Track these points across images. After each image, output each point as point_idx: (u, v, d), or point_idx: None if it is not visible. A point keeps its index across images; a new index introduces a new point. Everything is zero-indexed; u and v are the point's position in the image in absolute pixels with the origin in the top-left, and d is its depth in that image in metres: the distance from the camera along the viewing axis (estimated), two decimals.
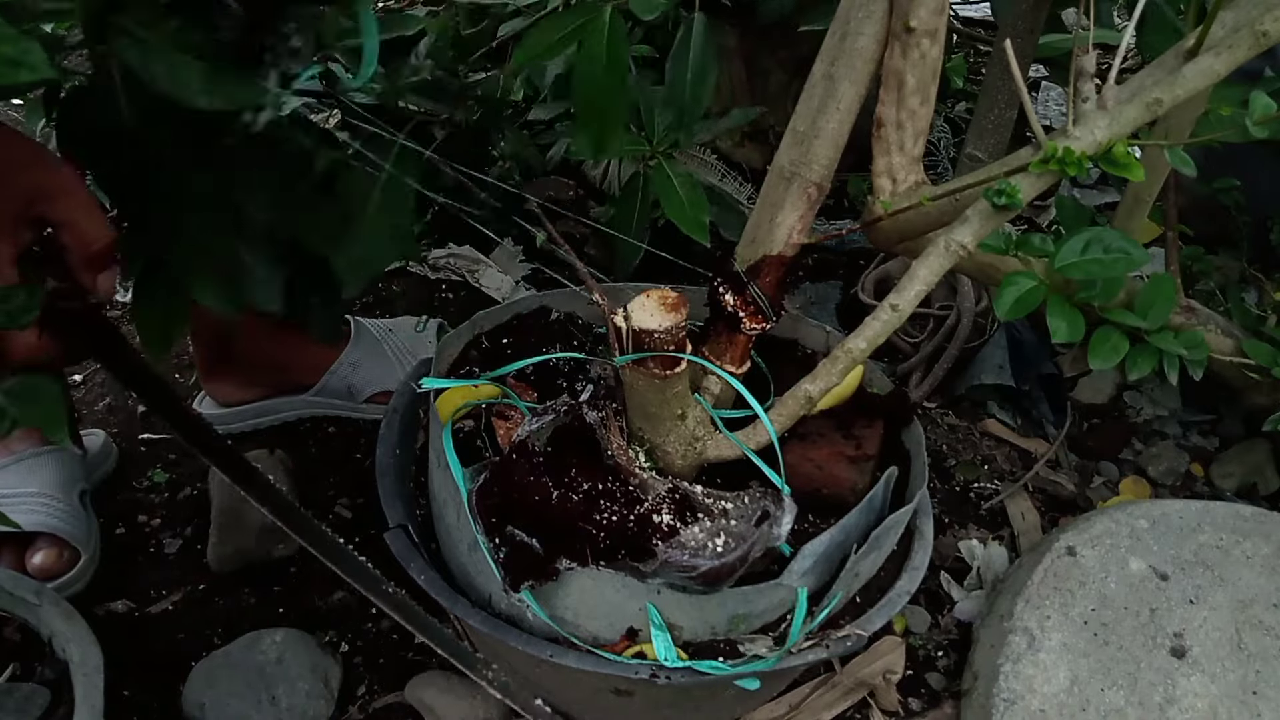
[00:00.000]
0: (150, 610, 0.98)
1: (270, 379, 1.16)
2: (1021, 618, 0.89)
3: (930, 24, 0.68)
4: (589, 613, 0.70)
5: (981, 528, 1.13)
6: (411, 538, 0.77)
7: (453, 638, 0.75)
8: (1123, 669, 0.86)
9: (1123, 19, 1.43)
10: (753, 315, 0.76)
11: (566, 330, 0.89)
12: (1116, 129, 0.59)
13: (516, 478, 0.68)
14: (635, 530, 0.66)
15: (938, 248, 0.63)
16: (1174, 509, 0.97)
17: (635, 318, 0.64)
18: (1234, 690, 0.84)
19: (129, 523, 1.07)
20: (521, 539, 0.67)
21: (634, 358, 0.66)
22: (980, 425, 1.26)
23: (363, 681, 0.93)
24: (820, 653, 0.70)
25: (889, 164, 0.73)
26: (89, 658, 0.74)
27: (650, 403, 0.70)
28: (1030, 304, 0.69)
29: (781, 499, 0.68)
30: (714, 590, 0.67)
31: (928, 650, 0.99)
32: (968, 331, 1.27)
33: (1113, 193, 1.72)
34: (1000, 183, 0.59)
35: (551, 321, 0.90)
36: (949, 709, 0.93)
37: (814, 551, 0.70)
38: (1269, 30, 0.58)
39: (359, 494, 1.11)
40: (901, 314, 0.65)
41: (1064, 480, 1.19)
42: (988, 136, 1.19)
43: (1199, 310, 0.93)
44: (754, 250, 0.76)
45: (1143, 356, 0.83)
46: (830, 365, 0.69)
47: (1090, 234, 0.67)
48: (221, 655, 0.89)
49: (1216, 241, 1.22)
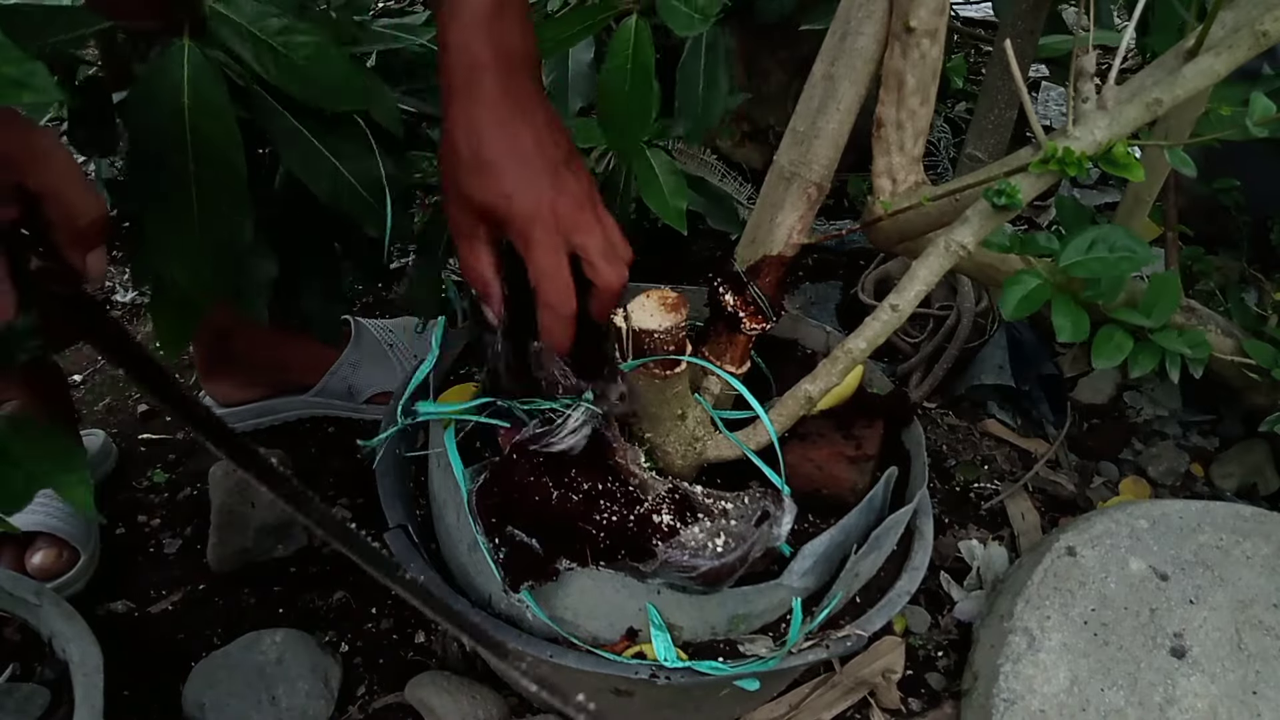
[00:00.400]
0: (150, 610, 0.98)
1: (270, 379, 1.16)
2: (1021, 618, 0.89)
3: (930, 24, 0.68)
4: (589, 613, 0.70)
5: (981, 528, 1.13)
6: (411, 538, 0.77)
7: (481, 623, 0.71)
8: (1123, 669, 0.86)
9: (1123, 19, 1.43)
10: (753, 315, 0.76)
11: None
12: (1116, 129, 0.59)
13: (516, 478, 0.68)
14: (635, 530, 0.66)
15: (938, 248, 0.63)
16: (1174, 509, 0.97)
17: (635, 318, 0.64)
18: (1234, 690, 0.84)
19: (129, 523, 1.07)
20: (521, 539, 0.67)
21: (636, 364, 0.66)
22: (980, 425, 1.26)
23: (363, 681, 0.93)
24: (820, 653, 0.70)
25: (889, 164, 0.74)
26: (89, 658, 0.74)
27: (650, 403, 0.70)
28: (1035, 303, 0.69)
29: (781, 499, 0.68)
30: (714, 590, 0.67)
31: (928, 650, 0.99)
32: (968, 331, 1.27)
33: (1113, 193, 1.72)
34: (1000, 183, 0.59)
35: None
36: (949, 709, 0.93)
37: (814, 551, 0.70)
38: (1269, 30, 0.58)
39: (359, 494, 1.11)
40: (901, 314, 0.65)
41: (1064, 480, 1.19)
42: (988, 136, 1.19)
43: (1199, 310, 0.93)
44: (754, 250, 0.76)
45: (1145, 355, 0.83)
46: (830, 365, 0.69)
47: (1095, 232, 0.67)
48: (221, 655, 0.89)
49: (1216, 241, 1.22)
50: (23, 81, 0.33)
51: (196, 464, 1.14)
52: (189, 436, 1.19)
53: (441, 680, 0.89)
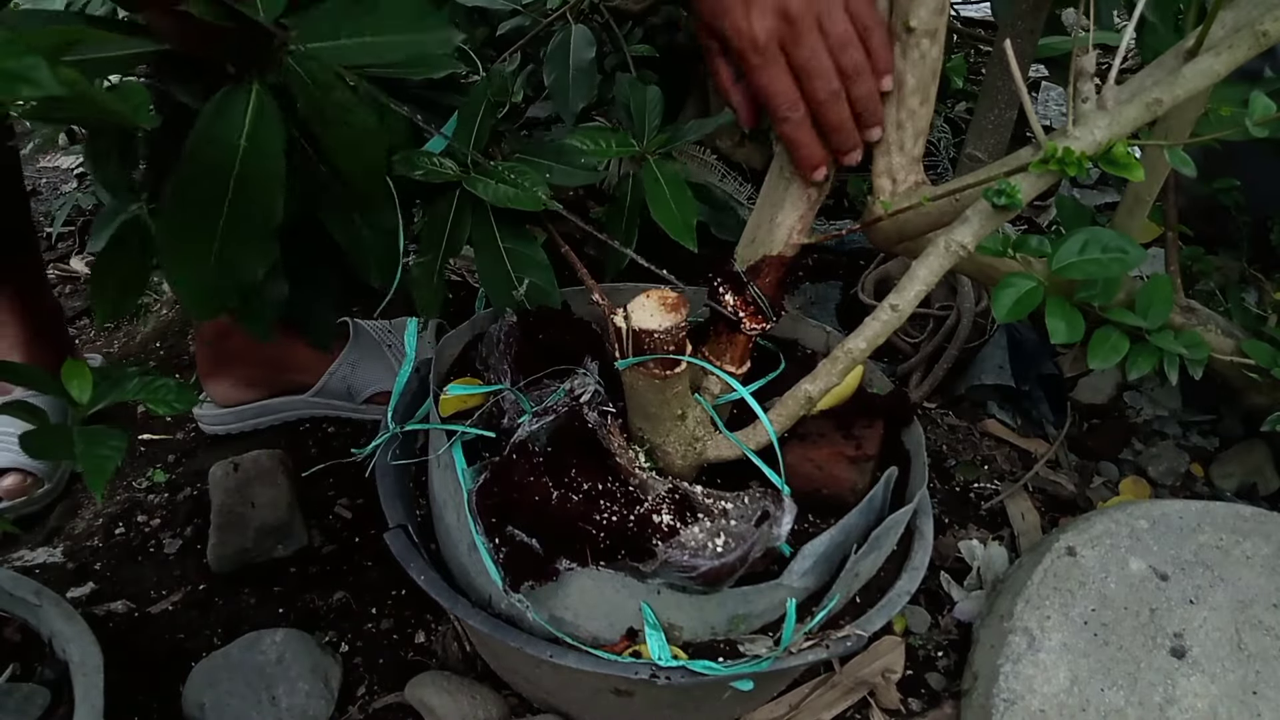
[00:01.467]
0: (150, 610, 0.98)
1: (269, 379, 1.16)
2: (1021, 618, 0.89)
3: (930, 24, 0.68)
4: (589, 613, 0.70)
5: (981, 528, 1.13)
6: (411, 538, 0.77)
7: None
8: (1123, 669, 0.86)
9: (1123, 19, 1.43)
10: (753, 315, 0.76)
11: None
12: (1116, 129, 0.59)
13: (516, 478, 0.68)
14: (635, 530, 0.66)
15: (938, 248, 0.63)
16: (1174, 509, 0.97)
17: (635, 318, 0.64)
18: (1234, 690, 0.84)
19: (129, 523, 1.07)
20: (521, 539, 0.67)
21: (634, 361, 0.66)
22: (980, 425, 1.26)
23: (363, 681, 0.93)
24: (820, 653, 0.70)
25: (889, 164, 0.74)
26: (89, 658, 0.74)
27: (650, 403, 0.70)
28: (1029, 305, 0.69)
29: (781, 499, 0.68)
30: (714, 590, 0.67)
31: (928, 650, 0.99)
32: (968, 331, 1.27)
33: (1113, 193, 1.72)
34: (1000, 183, 0.59)
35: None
36: (949, 709, 0.93)
37: (814, 551, 0.70)
38: (1269, 30, 0.58)
39: (359, 494, 1.11)
40: (901, 314, 0.65)
41: (1064, 480, 1.19)
42: (988, 136, 1.19)
43: (1199, 310, 0.93)
44: (754, 250, 0.76)
45: (1143, 356, 0.83)
46: (830, 365, 0.69)
47: (1087, 234, 0.67)
48: (221, 655, 0.89)
49: (1216, 241, 1.22)
50: (23, 76, 0.32)
51: (196, 464, 1.14)
52: (189, 436, 1.19)
53: (441, 680, 0.89)
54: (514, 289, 0.84)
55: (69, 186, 1.80)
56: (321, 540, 1.06)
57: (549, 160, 0.87)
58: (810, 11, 0.66)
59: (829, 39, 0.67)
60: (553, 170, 0.86)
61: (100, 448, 0.58)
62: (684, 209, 0.90)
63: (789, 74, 0.68)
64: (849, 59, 0.68)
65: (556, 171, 0.86)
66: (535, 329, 0.81)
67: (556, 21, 1.27)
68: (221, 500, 1.00)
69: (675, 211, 0.90)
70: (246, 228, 0.68)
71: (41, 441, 0.59)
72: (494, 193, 0.81)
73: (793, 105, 0.69)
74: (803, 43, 0.67)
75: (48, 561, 1.03)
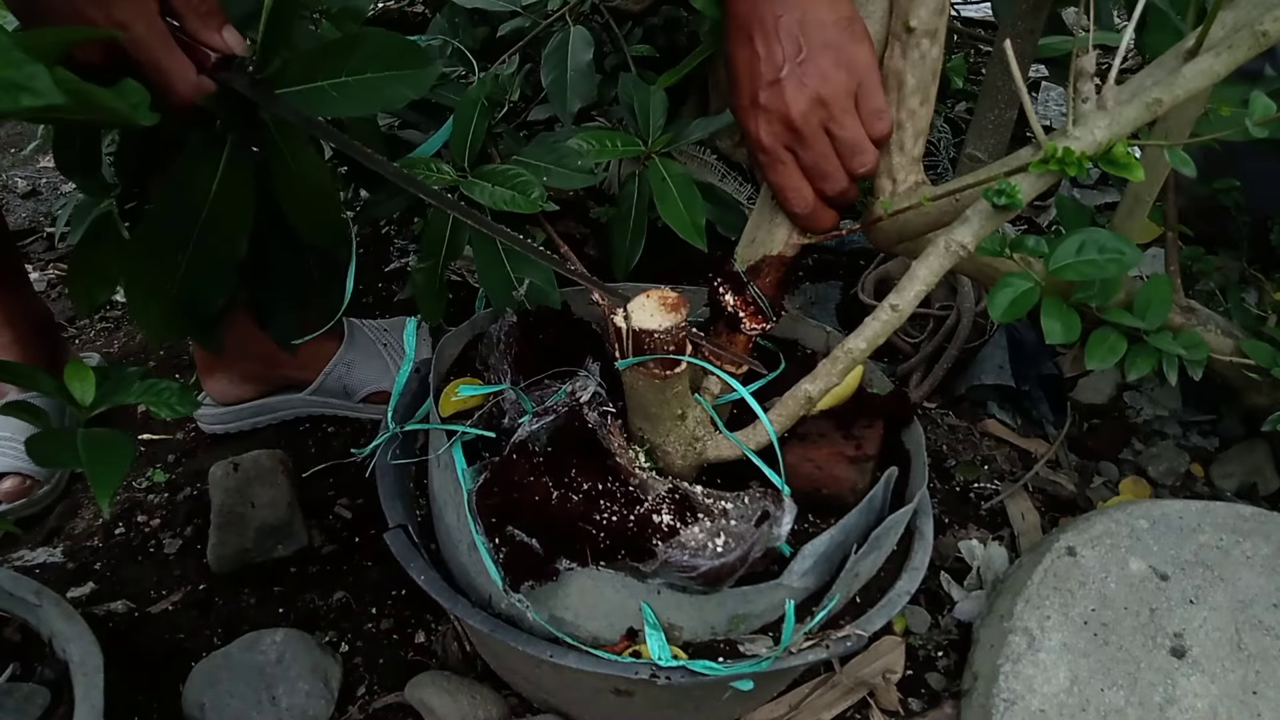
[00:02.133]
0: (150, 610, 0.98)
1: (264, 375, 1.16)
2: (1021, 618, 0.89)
3: (930, 24, 0.68)
4: (589, 613, 0.70)
5: (981, 528, 1.13)
6: (411, 538, 0.77)
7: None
8: (1123, 669, 0.86)
9: (1123, 19, 1.43)
10: (753, 315, 0.76)
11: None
12: (1116, 129, 0.59)
13: (516, 478, 0.68)
14: (635, 530, 0.66)
15: (938, 248, 0.63)
16: (1174, 509, 0.97)
17: (635, 318, 0.64)
18: (1234, 690, 0.84)
19: (129, 523, 1.07)
20: (521, 539, 0.67)
21: (634, 361, 0.66)
22: (980, 425, 1.26)
23: (363, 681, 0.93)
24: (820, 653, 0.70)
25: (889, 164, 0.74)
26: (89, 658, 0.74)
27: (650, 403, 0.70)
28: (1025, 305, 0.69)
29: (781, 499, 0.68)
30: (714, 590, 0.67)
31: (928, 650, 0.99)
32: (968, 331, 1.27)
33: (1113, 193, 1.72)
34: (1000, 183, 0.59)
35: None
36: (949, 709, 0.93)
37: (814, 551, 0.70)
38: (1269, 30, 0.58)
39: (359, 494, 1.11)
40: (901, 314, 0.65)
41: (1064, 480, 1.19)
42: (988, 136, 1.19)
43: (1199, 310, 0.93)
44: (754, 250, 0.76)
45: (1141, 356, 0.83)
46: (830, 365, 0.69)
47: (1084, 235, 0.67)
48: (221, 655, 0.89)
49: (1216, 241, 1.22)
50: (24, 85, 0.32)
51: (196, 464, 1.14)
52: (188, 436, 1.19)
53: (441, 680, 0.89)
54: (514, 289, 0.84)
55: (69, 187, 1.80)
56: (321, 540, 1.06)
57: (547, 162, 0.87)
58: (813, 118, 0.68)
59: (838, 144, 0.69)
60: (550, 172, 0.86)
61: (107, 455, 0.58)
62: (692, 208, 0.90)
63: (798, 172, 0.70)
64: (858, 163, 0.70)
65: (554, 174, 0.86)
66: (535, 329, 0.81)
67: (556, 23, 1.27)
68: (221, 500, 1.00)
69: (684, 211, 0.90)
70: (211, 263, 0.71)
71: (47, 448, 0.59)
72: (491, 196, 0.81)
73: (804, 204, 0.72)
74: (808, 147, 0.69)
75: (48, 561, 1.03)
